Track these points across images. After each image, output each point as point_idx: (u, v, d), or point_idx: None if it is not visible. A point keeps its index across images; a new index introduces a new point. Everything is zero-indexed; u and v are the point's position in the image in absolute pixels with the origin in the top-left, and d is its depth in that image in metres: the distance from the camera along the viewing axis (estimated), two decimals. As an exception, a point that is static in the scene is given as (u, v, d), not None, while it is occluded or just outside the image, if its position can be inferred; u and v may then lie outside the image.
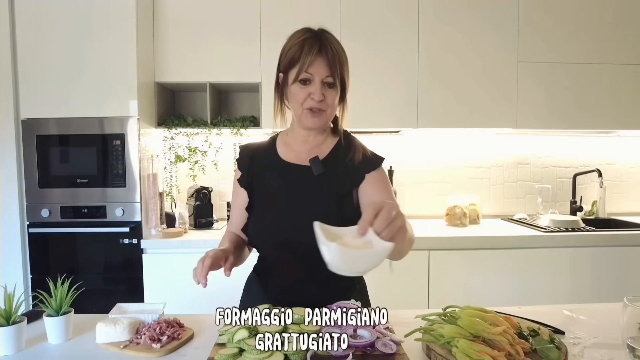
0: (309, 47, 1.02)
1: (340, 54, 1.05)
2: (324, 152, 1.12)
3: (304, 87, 1.04)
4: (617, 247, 2.23)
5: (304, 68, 1.01)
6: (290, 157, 1.12)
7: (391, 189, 1.12)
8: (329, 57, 1.02)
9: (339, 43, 1.07)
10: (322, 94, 1.03)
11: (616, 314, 0.90)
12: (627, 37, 2.46)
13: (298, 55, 1.02)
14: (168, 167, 2.46)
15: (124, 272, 2.17)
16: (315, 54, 1.01)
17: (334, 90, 1.05)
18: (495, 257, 2.20)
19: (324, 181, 1.08)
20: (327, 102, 1.05)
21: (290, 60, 1.04)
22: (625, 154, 2.87)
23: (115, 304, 1.05)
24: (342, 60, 1.05)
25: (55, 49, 2.12)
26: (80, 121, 2.15)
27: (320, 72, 1.02)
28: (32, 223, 2.16)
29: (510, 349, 0.81)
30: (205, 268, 0.94)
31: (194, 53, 2.32)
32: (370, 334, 0.87)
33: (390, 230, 0.76)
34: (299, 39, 1.04)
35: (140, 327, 0.96)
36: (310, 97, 1.03)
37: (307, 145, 1.13)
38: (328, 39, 1.04)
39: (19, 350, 0.91)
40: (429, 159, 2.77)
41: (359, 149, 1.12)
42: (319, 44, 1.02)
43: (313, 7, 2.33)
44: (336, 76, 1.04)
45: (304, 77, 1.03)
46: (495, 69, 2.41)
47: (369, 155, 1.13)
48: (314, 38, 1.03)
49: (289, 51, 1.05)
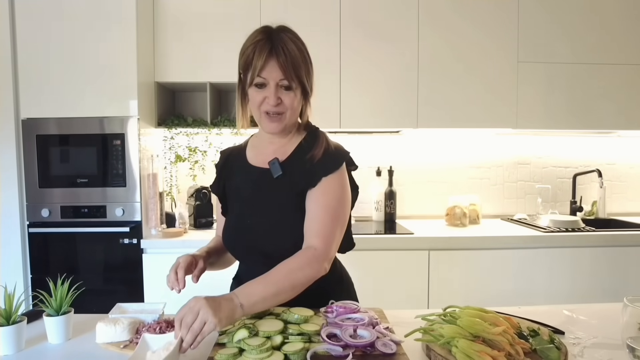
0: (259, 50, 0.99)
1: (294, 55, 1.00)
2: (287, 152, 1.09)
3: (260, 91, 1.02)
4: (617, 247, 2.23)
5: (256, 72, 0.99)
6: (256, 161, 1.12)
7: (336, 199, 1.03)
8: (280, 60, 0.98)
9: (298, 42, 1.03)
10: (278, 98, 1.01)
11: (616, 314, 0.90)
12: (627, 37, 2.45)
13: (251, 59, 1.00)
14: (168, 167, 2.46)
15: (124, 272, 2.17)
16: (266, 57, 0.98)
17: (291, 92, 1.02)
18: (495, 257, 2.20)
19: (284, 183, 1.05)
20: (285, 104, 1.02)
21: (244, 63, 1.02)
22: (625, 154, 2.87)
23: (115, 304, 1.05)
24: (296, 61, 1.00)
25: (56, 48, 2.12)
26: (80, 121, 2.15)
27: (273, 76, 0.99)
28: (32, 223, 2.16)
29: (510, 349, 0.81)
30: (181, 280, 1.02)
31: (194, 53, 2.32)
32: (370, 334, 0.87)
33: (193, 334, 0.80)
34: (252, 40, 1.01)
35: (140, 327, 0.96)
36: (266, 101, 1.02)
37: (273, 147, 1.11)
38: (282, 40, 1.00)
39: (19, 350, 0.91)
40: (429, 159, 2.77)
41: (321, 145, 1.06)
42: (270, 46, 0.99)
43: (313, 7, 2.33)
44: (291, 78, 1.00)
45: (258, 82, 1.01)
46: (496, 69, 2.41)
47: (329, 154, 1.05)
48: (266, 40, 1.00)
49: (244, 53, 1.03)
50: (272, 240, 1.05)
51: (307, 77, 1.04)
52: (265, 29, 1.03)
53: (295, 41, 1.02)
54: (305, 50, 1.04)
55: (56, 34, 2.12)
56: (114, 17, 2.12)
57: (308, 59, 1.05)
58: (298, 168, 1.05)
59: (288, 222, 1.04)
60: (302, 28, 1.11)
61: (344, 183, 1.06)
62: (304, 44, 1.05)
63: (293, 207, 1.04)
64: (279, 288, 0.90)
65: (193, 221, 2.42)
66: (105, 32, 2.13)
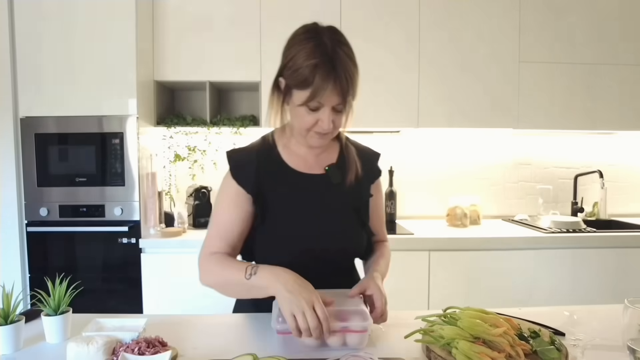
0: (322, 77, 0.91)
1: (353, 76, 0.94)
2: (331, 159, 1.11)
3: (312, 113, 0.96)
4: (618, 248, 2.23)
5: (315, 97, 0.92)
6: (299, 166, 1.07)
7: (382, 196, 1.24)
8: (342, 87, 0.92)
9: (353, 57, 0.96)
10: (332, 121, 0.97)
11: (617, 315, 0.90)
12: (628, 37, 2.45)
13: (310, 81, 0.91)
14: (167, 166, 2.46)
15: (123, 271, 2.17)
16: (328, 84, 0.91)
17: (342, 114, 0.99)
18: (496, 258, 2.19)
19: (342, 188, 1.08)
20: (335, 126, 0.99)
21: (298, 82, 0.93)
22: (626, 155, 2.87)
23: (93, 319, 0.96)
24: (354, 82, 0.95)
25: (55, 47, 2.12)
26: (79, 120, 2.14)
27: (331, 100, 0.94)
28: (31, 222, 2.16)
29: (511, 350, 0.80)
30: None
31: (194, 52, 2.32)
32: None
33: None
34: (310, 61, 0.91)
35: (117, 346, 0.85)
36: (319, 124, 0.97)
37: (314, 151, 1.09)
38: (342, 62, 0.92)
39: (17, 350, 0.91)
40: (429, 159, 2.77)
41: (360, 151, 1.14)
42: (334, 74, 0.91)
43: (313, 6, 2.33)
44: (347, 102, 0.96)
45: (314, 106, 0.95)
46: (496, 69, 2.41)
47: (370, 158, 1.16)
48: (328, 64, 0.91)
49: (297, 70, 0.93)
50: (336, 243, 1.06)
51: (357, 91, 0.99)
52: (319, 43, 0.93)
53: (352, 57, 0.96)
54: (357, 64, 0.97)
55: (55, 32, 2.11)
56: (113, 15, 2.12)
57: (358, 69, 0.98)
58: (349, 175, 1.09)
59: (349, 225, 1.08)
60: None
61: None
62: (352, 49, 0.98)
63: (352, 211, 1.09)
64: (386, 275, 1.11)
65: (192, 221, 2.41)
66: (105, 30, 2.12)
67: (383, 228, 1.21)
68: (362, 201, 1.12)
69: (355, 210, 1.09)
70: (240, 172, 1.06)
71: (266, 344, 0.93)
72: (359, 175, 1.10)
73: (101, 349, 0.84)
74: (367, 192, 1.13)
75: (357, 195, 1.10)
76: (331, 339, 0.88)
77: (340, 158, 1.12)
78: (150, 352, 0.82)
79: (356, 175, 1.09)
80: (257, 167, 1.05)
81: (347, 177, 1.08)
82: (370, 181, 1.14)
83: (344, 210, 1.08)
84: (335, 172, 1.08)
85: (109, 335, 0.87)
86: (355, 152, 1.12)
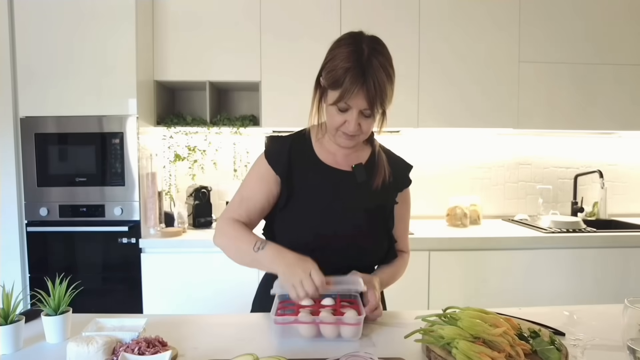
0: (351, 80, 0.96)
1: (383, 86, 0.98)
2: (360, 159, 1.15)
3: (341, 114, 1.02)
4: (618, 248, 2.23)
5: (343, 98, 0.98)
6: (328, 160, 1.13)
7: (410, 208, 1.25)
8: (370, 93, 0.97)
9: (388, 67, 1.00)
10: (358, 124, 1.02)
11: (617, 315, 0.89)
12: (628, 37, 2.45)
13: (340, 82, 0.97)
14: (167, 166, 2.46)
15: (123, 271, 2.17)
16: (356, 87, 0.96)
17: (371, 119, 1.04)
18: (496, 258, 2.19)
19: (366, 187, 1.12)
20: (362, 130, 1.04)
21: (331, 82, 0.99)
22: (626, 155, 2.87)
23: (93, 319, 0.95)
24: (384, 92, 0.99)
25: (54, 46, 2.12)
26: (79, 119, 2.14)
27: (359, 104, 0.99)
28: (31, 222, 2.16)
29: (511, 350, 0.80)
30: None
31: (194, 52, 2.32)
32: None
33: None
34: (344, 64, 0.97)
35: (117, 346, 0.85)
36: (346, 124, 1.02)
37: (343, 150, 1.14)
38: (374, 69, 0.97)
39: (17, 350, 0.91)
40: (429, 158, 2.77)
41: (392, 159, 1.18)
42: (363, 79, 0.96)
43: (313, 7, 2.33)
44: (375, 108, 1.00)
45: (342, 107, 1.01)
46: (496, 68, 2.41)
47: (401, 168, 1.19)
48: (359, 69, 0.96)
49: (332, 70, 0.99)
50: (350, 237, 1.09)
51: (390, 100, 1.03)
52: (356, 49, 0.98)
53: (386, 68, 1.00)
54: (393, 73, 1.02)
55: (55, 32, 2.11)
56: (114, 15, 2.12)
57: (393, 79, 1.02)
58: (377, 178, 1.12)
59: (367, 223, 1.10)
60: (301, 29, 1.10)
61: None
62: (391, 61, 1.02)
63: (372, 211, 1.12)
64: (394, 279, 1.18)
65: (192, 221, 2.41)
66: (105, 30, 2.12)
67: (405, 238, 1.24)
68: (387, 205, 1.15)
69: (376, 212, 1.12)
70: (274, 155, 1.12)
71: (266, 344, 0.93)
72: (387, 180, 1.14)
73: (101, 349, 0.83)
74: (393, 198, 1.16)
75: (382, 198, 1.13)
76: (325, 329, 0.92)
77: (370, 160, 1.16)
78: (150, 352, 0.82)
79: (383, 180, 1.13)
80: (290, 154, 1.12)
81: (374, 179, 1.12)
82: (399, 189, 1.18)
83: (364, 208, 1.11)
84: (362, 171, 1.12)
85: (109, 335, 0.87)
86: (387, 159, 1.17)
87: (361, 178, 1.11)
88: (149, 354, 0.81)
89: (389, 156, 1.19)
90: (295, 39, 2.30)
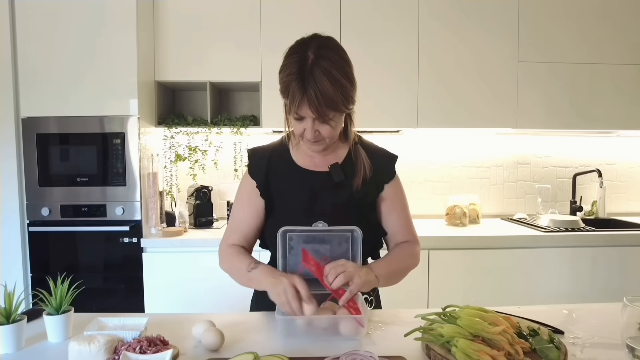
0: (293, 91, 0.96)
1: (326, 92, 0.94)
2: (338, 159, 1.14)
3: (299, 123, 1.02)
4: (616, 247, 2.23)
5: (293, 108, 0.98)
6: (306, 163, 1.14)
7: (405, 200, 1.20)
8: (311, 103, 0.95)
9: (333, 71, 0.96)
10: (316, 130, 1.02)
11: (616, 314, 0.90)
12: (627, 37, 2.45)
13: (287, 93, 0.98)
14: (168, 166, 2.46)
15: (124, 270, 2.17)
16: (299, 96, 0.95)
17: (327, 125, 1.01)
18: (495, 256, 2.20)
19: (345, 186, 1.11)
20: (322, 135, 1.03)
21: (281, 92, 1.01)
22: (625, 154, 2.87)
23: (95, 318, 0.96)
24: (329, 98, 0.95)
25: (56, 47, 2.12)
26: (81, 120, 2.15)
27: (308, 113, 0.98)
28: (32, 222, 2.16)
29: (510, 348, 0.81)
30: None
31: (194, 52, 2.32)
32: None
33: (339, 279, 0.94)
34: (287, 75, 0.98)
35: (119, 345, 0.85)
36: (305, 132, 1.02)
37: (321, 152, 1.13)
38: (314, 77, 0.94)
39: (18, 349, 0.91)
40: (429, 158, 2.77)
41: (372, 152, 1.17)
42: (303, 90, 0.95)
43: (313, 7, 2.33)
44: (325, 115, 0.98)
45: (296, 117, 1.01)
46: (496, 68, 2.41)
47: (384, 160, 1.17)
48: (299, 80, 0.95)
49: (280, 81, 1.01)
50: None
51: (346, 102, 1.00)
52: (301, 58, 0.97)
53: (330, 72, 0.95)
54: (343, 75, 0.98)
55: (56, 32, 2.12)
56: (115, 15, 2.12)
57: (346, 83, 0.98)
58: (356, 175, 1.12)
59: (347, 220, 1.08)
60: (301, 29, 1.11)
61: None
62: (343, 64, 0.99)
63: (353, 208, 1.11)
64: (399, 267, 1.12)
65: (193, 220, 2.42)
66: (106, 30, 2.13)
67: (406, 228, 1.19)
68: (367, 200, 1.13)
69: (355, 208, 1.12)
70: (254, 167, 1.16)
71: (267, 343, 0.93)
72: (367, 175, 1.13)
73: (103, 348, 0.83)
74: (374, 192, 1.15)
75: (362, 194, 1.12)
76: (318, 316, 0.94)
77: (347, 158, 1.15)
78: (151, 350, 0.82)
79: (364, 175, 1.12)
80: (269, 164, 1.15)
81: (354, 177, 1.12)
82: (384, 181, 1.16)
83: (343, 206, 1.11)
84: (338, 170, 1.12)
85: (111, 334, 0.87)
86: (367, 153, 1.15)
87: (338, 177, 1.11)
88: (150, 353, 0.81)
89: (370, 150, 1.18)
90: (295, 39, 2.29)
